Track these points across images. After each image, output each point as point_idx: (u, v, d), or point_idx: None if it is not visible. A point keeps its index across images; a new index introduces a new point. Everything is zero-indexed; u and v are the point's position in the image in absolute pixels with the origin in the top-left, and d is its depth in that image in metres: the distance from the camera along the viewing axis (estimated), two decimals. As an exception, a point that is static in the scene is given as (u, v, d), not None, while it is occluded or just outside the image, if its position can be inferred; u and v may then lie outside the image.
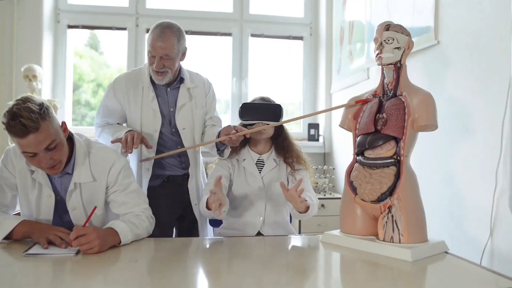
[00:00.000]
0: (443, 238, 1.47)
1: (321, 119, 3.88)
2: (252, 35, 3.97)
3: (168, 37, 1.80)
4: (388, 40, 1.49)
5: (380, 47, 1.51)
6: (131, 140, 1.73)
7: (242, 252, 1.48)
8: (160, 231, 1.72)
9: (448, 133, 2.00)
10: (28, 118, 1.33)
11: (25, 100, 1.37)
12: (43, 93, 3.38)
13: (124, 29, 3.81)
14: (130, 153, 1.78)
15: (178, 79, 1.96)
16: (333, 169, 3.58)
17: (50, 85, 3.64)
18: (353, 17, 3.33)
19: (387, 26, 1.52)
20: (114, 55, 4.04)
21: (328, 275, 1.33)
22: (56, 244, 1.38)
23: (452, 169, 2.01)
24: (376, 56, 1.53)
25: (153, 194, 1.88)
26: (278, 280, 1.17)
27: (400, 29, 1.51)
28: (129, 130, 1.82)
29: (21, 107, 1.34)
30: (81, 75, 3.91)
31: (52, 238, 1.38)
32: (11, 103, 1.37)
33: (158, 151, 1.91)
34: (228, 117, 3.93)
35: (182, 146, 1.94)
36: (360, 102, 1.58)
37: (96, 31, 3.92)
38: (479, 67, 1.85)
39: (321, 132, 3.83)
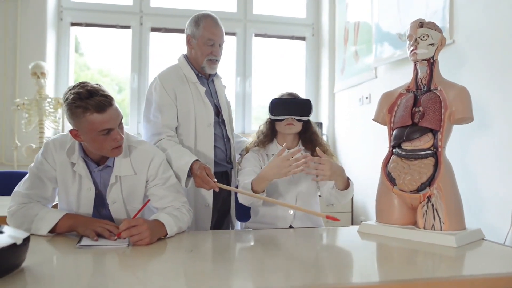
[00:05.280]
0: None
1: (324, 118, 3.95)
2: (256, 35, 4.01)
3: (221, 26, 1.92)
4: (423, 37, 1.55)
5: (415, 43, 1.56)
6: (205, 181, 1.67)
7: (280, 242, 1.50)
8: (203, 225, 1.84)
9: (465, 127, 2.07)
10: (104, 92, 1.40)
11: (86, 83, 1.41)
12: (47, 90, 3.34)
13: (128, 27, 3.80)
14: (217, 190, 1.69)
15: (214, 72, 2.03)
16: (340, 166, 3.64)
17: (53, 82, 3.60)
18: (358, 18, 3.41)
19: (421, 23, 1.58)
20: (95, 56, 4.00)
21: (372, 261, 1.36)
22: (104, 236, 1.38)
23: (470, 163, 2.09)
24: (410, 52, 1.59)
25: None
26: (320, 267, 1.21)
27: (434, 26, 1.58)
28: (193, 164, 1.70)
29: (91, 86, 1.39)
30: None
31: (100, 230, 1.38)
32: (74, 89, 1.38)
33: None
34: (233, 116, 3.94)
35: (227, 136, 2.01)
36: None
37: (76, 32, 3.87)
38: (496, 64, 1.93)
39: (324, 131, 3.89)
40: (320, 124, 3.88)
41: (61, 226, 1.44)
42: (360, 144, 3.35)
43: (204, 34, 1.87)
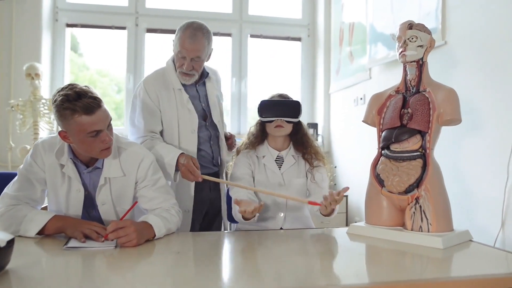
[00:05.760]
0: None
1: (319, 119, 3.95)
2: (251, 36, 4.02)
3: (199, 39, 1.78)
4: (412, 39, 1.55)
5: (404, 45, 1.56)
6: (191, 170, 1.71)
7: (270, 243, 1.50)
8: (190, 227, 1.77)
9: (457, 129, 2.07)
10: (93, 94, 1.40)
11: (74, 85, 1.41)
12: (42, 92, 3.34)
13: (124, 28, 3.80)
14: (201, 180, 1.75)
15: (205, 74, 1.98)
16: (335, 167, 3.65)
17: (48, 83, 3.60)
18: (353, 18, 3.41)
19: (410, 25, 1.58)
20: (94, 57, 4.00)
21: (360, 263, 1.36)
22: (92, 238, 1.38)
23: (462, 164, 2.10)
24: (399, 54, 1.59)
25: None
26: (310, 268, 1.21)
27: (423, 28, 1.58)
28: (180, 157, 1.75)
29: (79, 88, 1.39)
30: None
31: (88, 232, 1.38)
32: (62, 91, 1.38)
33: (197, 150, 1.93)
34: (228, 117, 3.95)
35: (216, 139, 1.99)
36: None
37: (76, 33, 3.88)
38: (488, 65, 1.94)
39: (319, 131, 3.90)
40: (315, 125, 3.89)
41: (50, 228, 1.44)
42: (355, 145, 3.35)
43: (177, 46, 1.81)
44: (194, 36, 1.78)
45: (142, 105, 1.86)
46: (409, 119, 1.52)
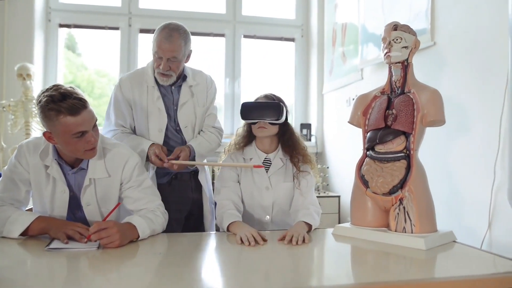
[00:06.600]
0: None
1: (313, 120, 3.96)
2: (245, 36, 4.01)
3: (175, 40, 1.80)
4: (397, 40, 1.56)
5: (389, 46, 1.57)
6: (159, 156, 1.81)
7: (256, 246, 1.50)
8: (169, 227, 1.72)
9: (445, 130, 2.08)
10: (78, 94, 1.41)
11: (59, 85, 1.42)
12: (34, 92, 3.33)
13: (117, 28, 3.80)
14: (166, 163, 1.80)
15: (181, 77, 1.97)
16: (328, 167, 3.65)
17: (41, 84, 3.59)
18: (346, 19, 3.42)
19: (395, 26, 1.58)
20: (92, 57, 4.00)
21: (344, 264, 1.37)
22: (75, 239, 1.38)
23: (449, 166, 2.10)
24: (384, 55, 1.59)
25: (160, 191, 1.88)
26: (295, 269, 1.21)
27: (408, 29, 1.58)
28: (150, 147, 1.85)
29: (64, 88, 1.40)
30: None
31: (71, 233, 1.38)
32: (47, 92, 1.39)
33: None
34: (222, 117, 3.95)
35: (185, 143, 1.97)
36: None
37: (73, 32, 3.88)
38: (476, 66, 1.94)
39: (313, 132, 3.90)
40: (309, 125, 3.89)
41: (33, 229, 1.44)
42: (347, 145, 3.35)
43: (154, 46, 1.84)
44: (170, 36, 1.80)
45: (114, 101, 1.95)
46: (393, 120, 1.52)
